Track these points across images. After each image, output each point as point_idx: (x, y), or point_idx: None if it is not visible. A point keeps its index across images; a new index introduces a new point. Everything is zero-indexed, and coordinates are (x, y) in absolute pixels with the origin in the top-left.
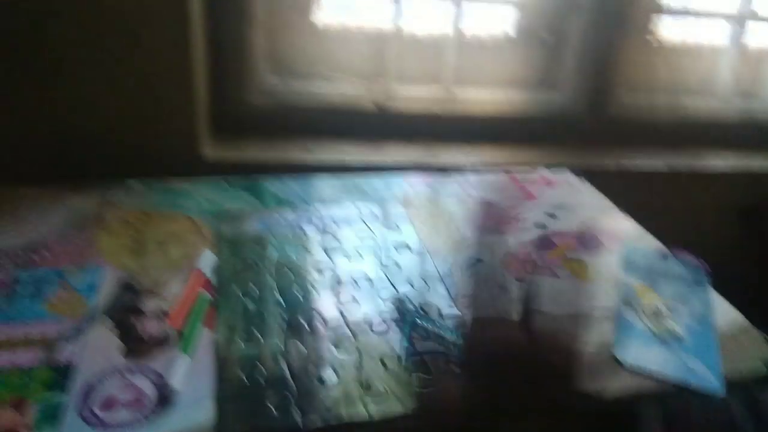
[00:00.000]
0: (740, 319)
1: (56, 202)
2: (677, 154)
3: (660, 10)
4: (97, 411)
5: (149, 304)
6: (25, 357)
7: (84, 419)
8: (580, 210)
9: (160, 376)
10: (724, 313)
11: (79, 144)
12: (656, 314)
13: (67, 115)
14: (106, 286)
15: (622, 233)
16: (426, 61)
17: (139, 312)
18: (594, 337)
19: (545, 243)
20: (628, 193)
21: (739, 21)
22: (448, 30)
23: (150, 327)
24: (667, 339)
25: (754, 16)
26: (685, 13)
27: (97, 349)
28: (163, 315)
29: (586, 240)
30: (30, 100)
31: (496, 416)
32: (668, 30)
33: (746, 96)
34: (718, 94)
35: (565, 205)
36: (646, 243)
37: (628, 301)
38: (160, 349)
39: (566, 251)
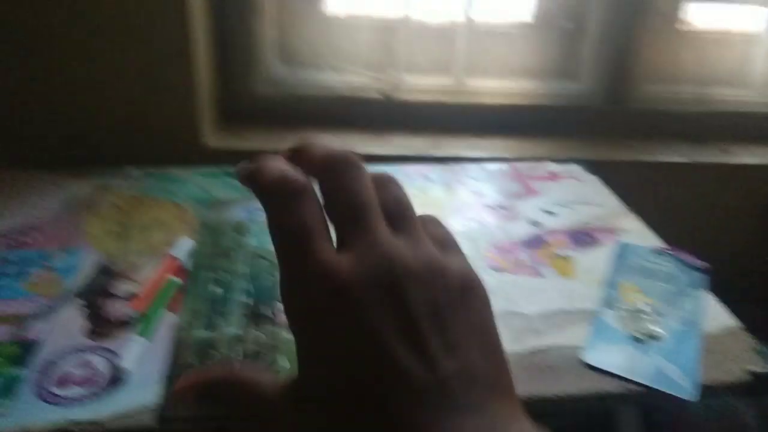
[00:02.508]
0: (734, 324)
1: (55, 187)
2: (701, 148)
3: None
4: (51, 386)
5: (120, 287)
6: None
7: (37, 393)
8: (582, 207)
9: (116, 356)
10: (717, 316)
11: (80, 130)
12: (636, 315)
13: (71, 101)
14: (85, 268)
15: (621, 231)
16: (436, 50)
17: (109, 294)
18: (567, 338)
19: (535, 241)
20: (647, 187)
21: None
22: (460, 18)
23: (116, 309)
24: (643, 341)
25: None
26: None
27: (64, 328)
28: (131, 298)
29: (580, 237)
30: (33, 86)
31: None
32: (695, 16)
33: None
34: (748, 85)
35: (566, 202)
36: (645, 240)
37: (609, 300)
38: (122, 330)
39: (556, 249)
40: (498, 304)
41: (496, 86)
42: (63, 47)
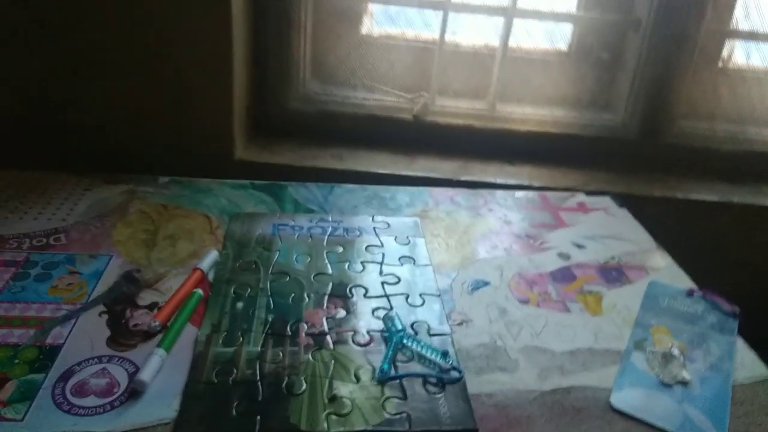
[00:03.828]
0: (765, 372)
1: (87, 192)
2: (736, 187)
3: (727, 33)
4: (68, 394)
5: (145, 297)
6: (18, 335)
7: (54, 401)
8: (612, 241)
9: (135, 367)
10: (748, 363)
11: (116, 138)
12: (666, 358)
13: (108, 110)
14: (110, 274)
15: (651, 268)
16: (470, 74)
17: (133, 303)
18: (593, 378)
19: (564, 275)
20: (676, 224)
21: None
22: (496, 43)
23: (138, 318)
24: (672, 386)
25: None
26: (755, 37)
27: (85, 335)
28: (155, 308)
29: (609, 273)
30: (71, 94)
31: None
32: (736, 54)
33: None
34: None
35: (596, 235)
36: (676, 280)
37: (639, 341)
38: (143, 341)
39: (584, 284)
40: (523, 338)
41: (529, 113)
42: (107, 62)
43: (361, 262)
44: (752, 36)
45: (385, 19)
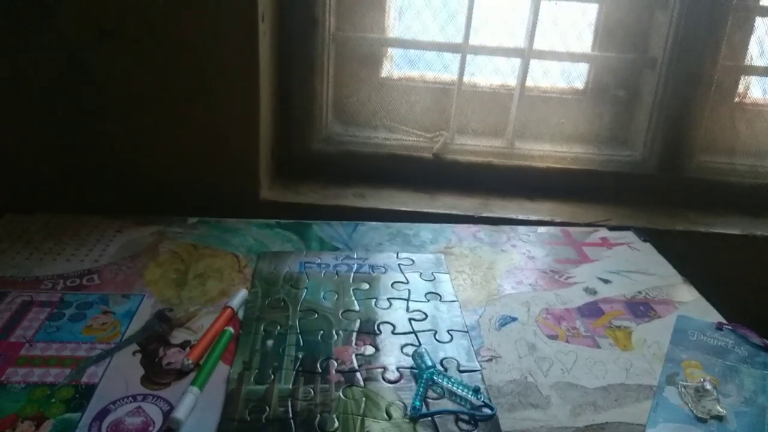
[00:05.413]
0: None
1: (118, 234)
2: (758, 220)
3: (742, 69)
4: None
5: (177, 336)
6: (55, 374)
7: None
8: (637, 275)
9: (170, 406)
10: None
11: (146, 180)
12: (699, 392)
13: (138, 152)
14: (142, 314)
15: (678, 302)
16: (489, 112)
17: (166, 342)
18: (626, 414)
19: (591, 310)
20: (699, 258)
21: None
22: (514, 83)
23: (172, 357)
24: (707, 420)
25: None
26: None
27: (120, 374)
28: (187, 347)
29: (637, 308)
30: (103, 137)
31: None
32: (752, 89)
33: None
34: None
35: (622, 270)
36: (704, 314)
37: (671, 376)
38: (177, 380)
39: (613, 319)
40: (554, 374)
41: (547, 150)
42: (144, 108)
43: (388, 299)
44: (767, 71)
45: (405, 62)
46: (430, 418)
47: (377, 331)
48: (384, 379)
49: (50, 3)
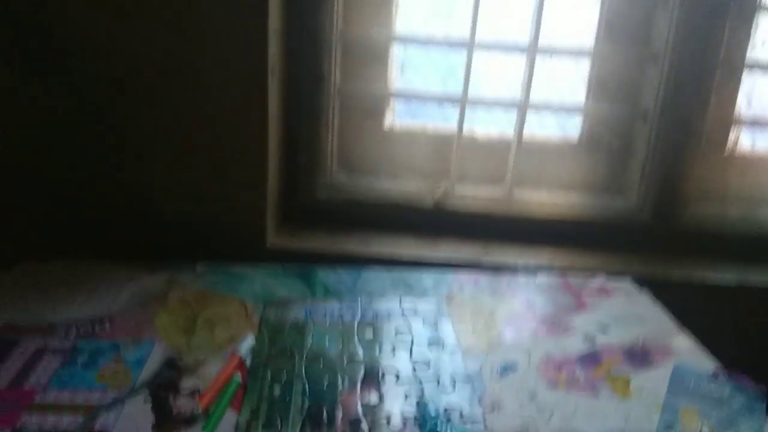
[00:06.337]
0: None
1: (128, 280)
2: (752, 269)
3: (732, 120)
4: None
5: (186, 382)
6: (68, 422)
7: None
8: (635, 324)
9: None
10: None
11: (155, 227)
12: None
13: (147, 200)
14: (153, 361)
15: (675, 350)
16: (488, 162)
17: (175, 389)
18: None
19: (591, 358)
20: (694, 306)
21: None
22: (511, 134)
23: (181, 404)
24: None
25: None
26: (758, 123)
27: (131, 421)
28: (196, 394)
29: (635, 356)
30: (114, 184)
31: None
32: (742, 140)
33: None
34: None
35: (620, 318)
36: (700, 362)
37: (669, 425)
38: (187, 427)
39: (612, 367)
40: (555, 423)
41: (545, 199)
42: (155, 156)
43: (392, 347)
44: (756, 123)
45: (407, 114)
46: None
47: (381, 380)
48: (389, 428)
49: (64, 52)
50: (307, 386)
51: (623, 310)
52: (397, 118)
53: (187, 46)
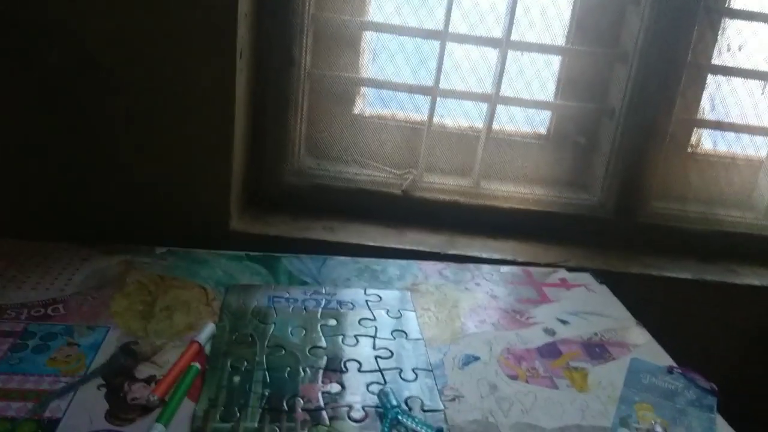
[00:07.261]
0: None
1: (85, 262)
2: (708, 266)
3: (695, 122)
4: None
5: (142, 370)
6: (16, 408)
7: None
8: (593, 317)
9: None
10: None
11: (114, 207)
12: None
13: (107, 180)
14: (108, 346)
15: (631, 344)
16: (456, 153)
17: (131, 376)
18: None
19: (550, 350)
20: (652, 301)
21: None
22: (480, 126)
23: (136, 392)
24: None
25: None
26: (722, 126)
27: (83, 408)
28: (153, 382)
29: (593, 349)
30: (73, 162)
31: None
32: (704, 141)
33: None
34: (755, 208)
35: (579, 312)
36: (656, 357)
37: (624, 418)
38: (142, 416)
39: (570, 360)
40: (514, 414)
41: (511, 191)
42: (115, 137)
43: (355, 336)
44: (718, 125)
45: (378, 101)
46: None
47: (344, 369)
48: (350, 417)
49: (30, 33)
50: (267, 375)
51: (583, 304)
52: (367, 105)
53: (156, 27)
